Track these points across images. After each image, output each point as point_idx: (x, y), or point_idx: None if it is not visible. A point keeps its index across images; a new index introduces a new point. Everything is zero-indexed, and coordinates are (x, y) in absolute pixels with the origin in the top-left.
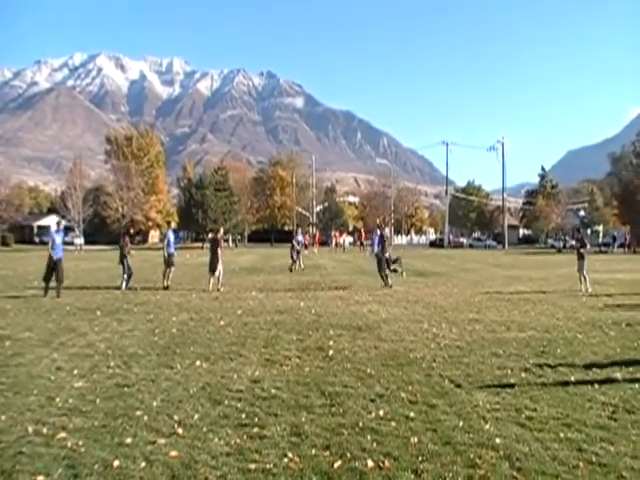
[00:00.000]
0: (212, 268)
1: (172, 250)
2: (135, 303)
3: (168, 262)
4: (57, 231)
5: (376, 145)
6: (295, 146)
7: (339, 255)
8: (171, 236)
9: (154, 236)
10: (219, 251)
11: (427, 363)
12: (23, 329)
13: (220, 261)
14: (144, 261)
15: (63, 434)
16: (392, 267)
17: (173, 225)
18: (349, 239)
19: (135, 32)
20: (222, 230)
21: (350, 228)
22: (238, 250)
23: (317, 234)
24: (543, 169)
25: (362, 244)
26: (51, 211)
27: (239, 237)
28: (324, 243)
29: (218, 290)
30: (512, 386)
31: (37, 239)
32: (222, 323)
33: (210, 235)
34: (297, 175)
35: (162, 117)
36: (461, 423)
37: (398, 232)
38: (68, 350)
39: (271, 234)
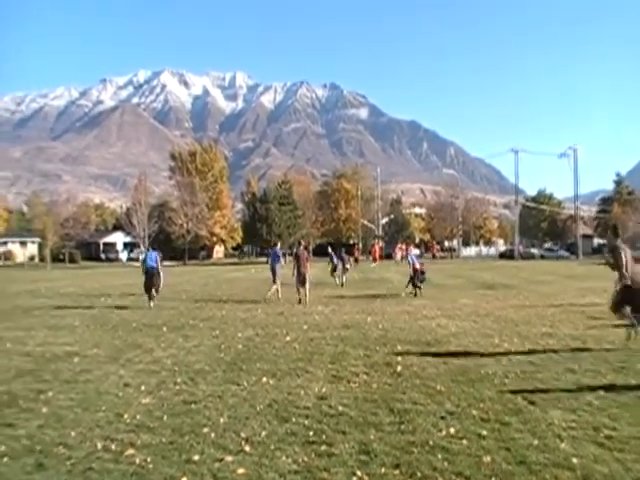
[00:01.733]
0: (301, 280)
1: (152, 264)
2: (201, 319)
3: (150, 278)
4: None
5: (442, 155)
6: (359, 158)
7: (405, 268)
8: (153, 255)
9: (218, 251)
10: (308, 264)
11: (499, 379)
12: (91, 346)
13: (308, 274)
14: (209, 277)
15: (131, 450)
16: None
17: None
18: (416, 252)
19: (198, 47)
20: (303, 243)
21: (417, 240)
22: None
23: (376, 247)
24: (619, 175)
25: (434, 256)
26: (117, 228)
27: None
28: (388, 256)
29: (300, 302)
30: (589, 404)
31: (103, 256)
32: (288, 339)
33: (295, 249)
34: (362, 187)
35: (225, 132)
36: (536, 442)
37: (466, 244)
38: (135, 366)
39: (335, 248)
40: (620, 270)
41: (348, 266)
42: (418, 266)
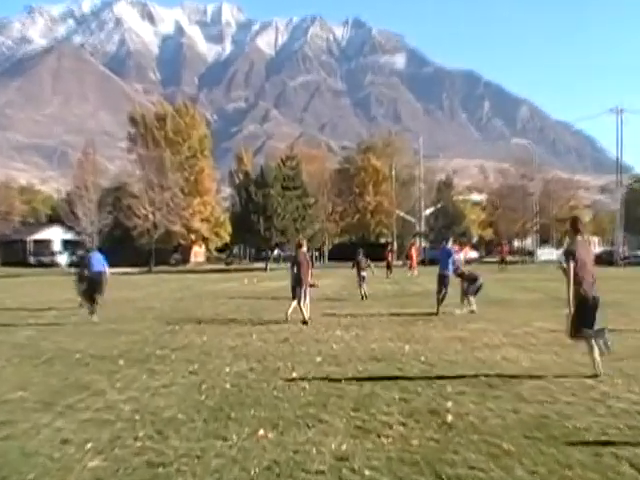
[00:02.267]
0: (300, 290)
1: (100, 268)
2: (173, 348)
3: (90, 284)
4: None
5: (511, 118)
6: (394, 124)
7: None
8: (97, 256)
9: (198, 254)
10: (309, 270)
11: (594, 436)
12: (14, 387)
13: (307, 282)
14: (185, 289)
15: None
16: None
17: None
18: (473, 254)
19: None
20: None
21: (473, 238)
22: (315, 271)
23: (413, 249)
24: None
25: (503, 261)
26: (53, 220)
27: (317, 254)
28: (435, 261)
29: (304, 323)
30: None
31: (33, 259)
32: (295, 375)
33: (294, 252)
34: (398, 165)
35: (207, 87)
36: None
37: (545, 243)
38: (78, 415)
39: (361, 249)
40: (568, 284)
41: (365, 274)
42: (462, 269)
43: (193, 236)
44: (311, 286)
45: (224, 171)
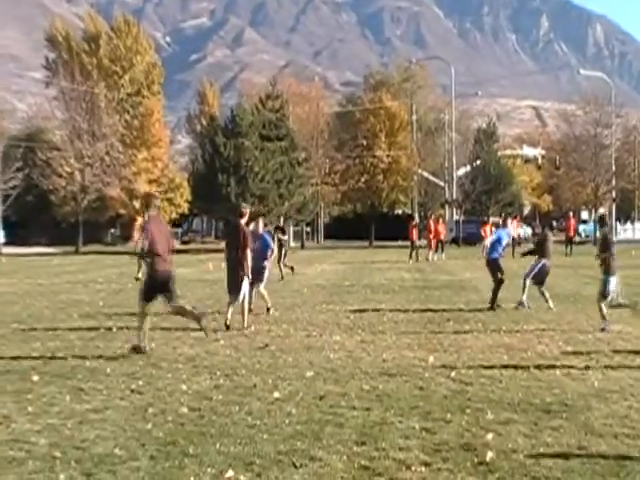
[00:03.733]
0: (232, 285)
1: None
2: (108, 357)
3: None
4: None
5: (579, 41)
6: (416, 50)
7: (510, 262)
8: None
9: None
10: (247, 251)
11: None
12: None
13: (248, 271)
14: (126, 277)
15: None
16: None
17: None
18: (524, 231)
19: None
20: (262, 215)
21: (525, 209)
22: (307, 253)
23: (432, 223)
24: None
25: (570, 241)
26: None
27: (308, 229)
28: (470, 240)
29: (245, 329)
30: None
31: None
32: (277, 396)
33: (232, 220)
34: (420, 108)
35: None
36: None
37: (627, 218)
38: None
39: (369, 224)
40: None
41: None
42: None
43: (137, 204)
44: (291, 269)
45: (181, 114)
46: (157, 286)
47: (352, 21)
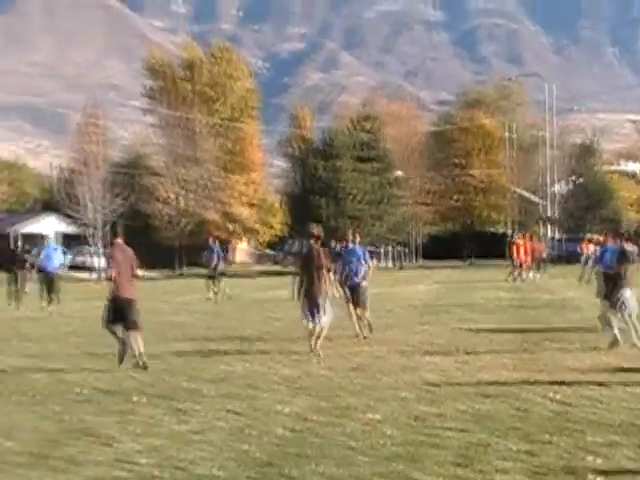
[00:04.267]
0: (311, 307)
1: (56, 266)
2: (207, 378)
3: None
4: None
5: None
6: (512, 67)
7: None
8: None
9: (242, 250)
10: (324, 275)
11: None
12: None
13: (324, 293)
14: (223, 297)
15: None
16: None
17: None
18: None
19: None
20: (354, 235)
21: (623, 225)
22: (403, 273)
23: (525, 242)
24: None
25: None
26: (46, 206)
27: (405, 249)
28: (568, 258)
29: (311, 351)
30: None
31: (27, 258)
32: (373, 417)
33: (309, 243)
34: (517, 125)
35: (252, 22)
36: None
37: None
38: (79, 471)
39: (465, 242)
40: None
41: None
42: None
43: (234, 227)
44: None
45: (276, 138)
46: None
47: (446, 40)
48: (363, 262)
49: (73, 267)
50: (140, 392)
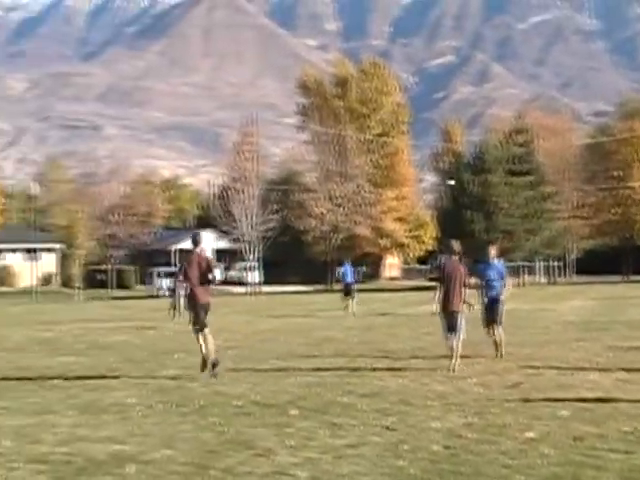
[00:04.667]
0: (449, 322)
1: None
2: (361, 393)
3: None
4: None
5: None
6: None
7: None
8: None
9: (392, 265)
10: (462, 290)
11: None
12: (158, 443)
13: (461, 309)
14: (375, 313)
15: None
16: None
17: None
18: None
19: None
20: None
21: None
22: (557, 289)
23: None
24: None
25: None
26: (202, 223)
27: (558, 264)
28: None
29: (450, 370)
30: None
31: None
32: (531, 435)
33: (449, 258)
34: None
35: (402, 36)
36: None
37: None
38: None
39: (624, 257)
40: None
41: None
42: None
43: (385, 242)
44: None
45: (426, 152)
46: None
47: (603, 49)
48: (501, 278)
49: (227, 282)
50: (295, 406)
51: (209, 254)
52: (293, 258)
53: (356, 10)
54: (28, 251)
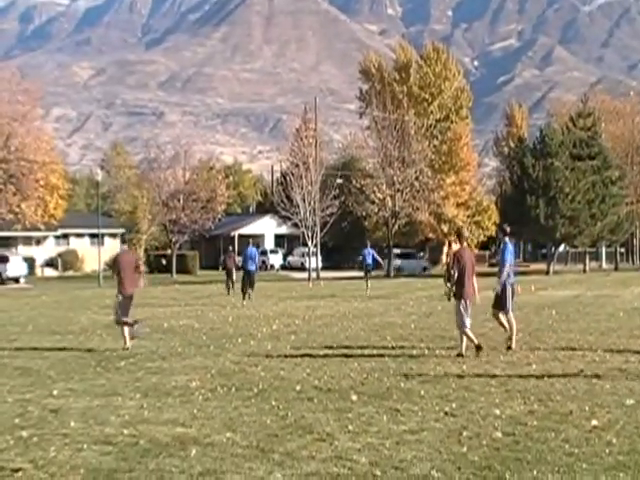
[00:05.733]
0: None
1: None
2: (421, 379)
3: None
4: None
5: None
6: None
7: None
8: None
9: (450, 252)
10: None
11: None
12: (220, 426)
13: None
14: (434, 299)
15: None
16: None
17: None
18: None
19: None
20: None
21: None
22: (622, 275)
23: None
24: None
25: None
26: (263, 208)
27: (622, 250)
28: None
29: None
30: None
31: (239, 262)
32: (594, 423)
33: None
34: None
35: (465, 22)
36: None
37: None
38: (300, 467)
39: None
40: None
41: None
42: None
43: (445, 228)
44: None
45: (488, 137)
46: None
47: None
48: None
49: (288, 267)
50: (356, 391)
51: (270, 240)
52: (353, 244)
53: None
54: (93, 236)
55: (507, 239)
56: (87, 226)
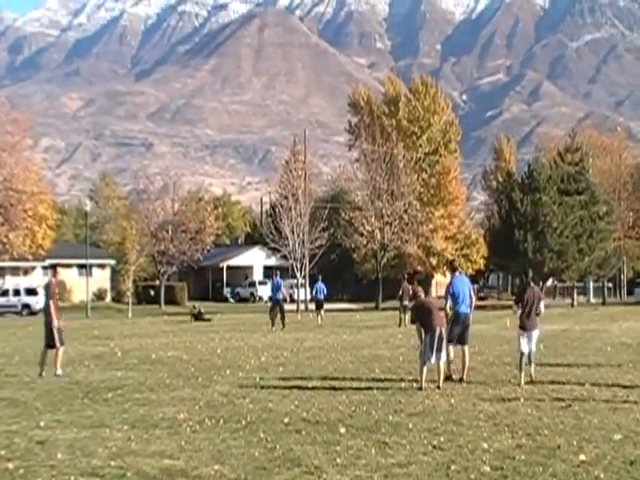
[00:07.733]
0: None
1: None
2: (409, 412)
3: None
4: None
5: None
6: None
7: None
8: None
9: (440, 284)
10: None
11: None
12: (208, 459)
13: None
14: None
15: None
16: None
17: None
18: None
19: None
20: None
21: None
22: (609, 309)
23: None
24: None
25: None
26: (252, 239)
27: (609, 284)
28: None
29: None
30: None
31: (228, 292)
32: (582, 458)
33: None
34: None
35: (454, 56)
36: None
37: None
38: None
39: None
40: None
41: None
42: None
43: (434, 261)
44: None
45: (476, 171)
46: None
47: None
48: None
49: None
50: (344, 424)
51: (259, 271)
52: (342, 276)
53: (407, 29)
54: (81, 267)
55: (456, 274)
56: (75, 256)
